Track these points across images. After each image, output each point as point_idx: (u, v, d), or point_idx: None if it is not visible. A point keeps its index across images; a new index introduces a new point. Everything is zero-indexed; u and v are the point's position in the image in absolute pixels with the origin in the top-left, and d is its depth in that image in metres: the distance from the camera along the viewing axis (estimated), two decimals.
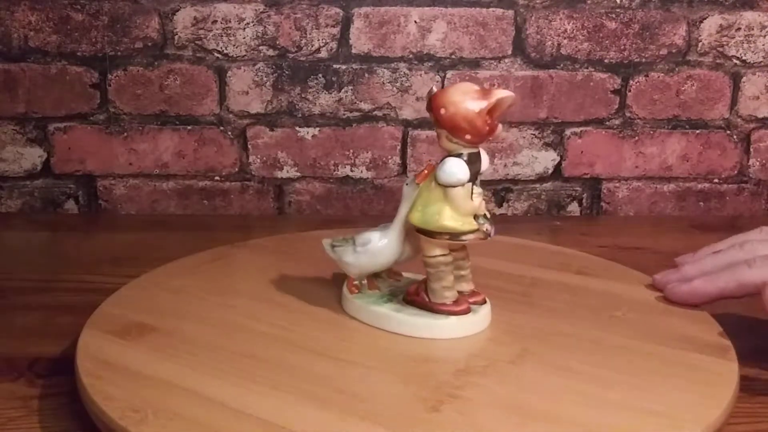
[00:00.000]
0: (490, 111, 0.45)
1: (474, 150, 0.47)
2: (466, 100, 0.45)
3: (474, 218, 0.48)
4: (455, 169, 0.46)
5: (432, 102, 0.46)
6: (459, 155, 0.47)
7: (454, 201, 0.47)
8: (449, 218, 0.47)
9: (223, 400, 0.41)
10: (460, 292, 0.50)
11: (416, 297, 0.51)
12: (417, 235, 0.49)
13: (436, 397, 0.42)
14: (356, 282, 0.53)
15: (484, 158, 0.48)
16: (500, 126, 0.46)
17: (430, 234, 0.48)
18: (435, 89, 0.47)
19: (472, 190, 0.47)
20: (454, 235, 0.48)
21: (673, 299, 0.55)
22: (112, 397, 0.41)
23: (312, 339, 0.49)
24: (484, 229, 0.48)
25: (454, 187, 0.47)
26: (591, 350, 0.47)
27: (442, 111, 0.46)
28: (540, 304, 0.55)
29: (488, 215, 0.49)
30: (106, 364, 0.45)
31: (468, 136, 0.46)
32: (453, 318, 0.49)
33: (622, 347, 0.48)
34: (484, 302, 0.51)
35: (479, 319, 0.50)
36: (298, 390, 0.42)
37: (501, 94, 0.45)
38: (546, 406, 0.41)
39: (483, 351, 0.47)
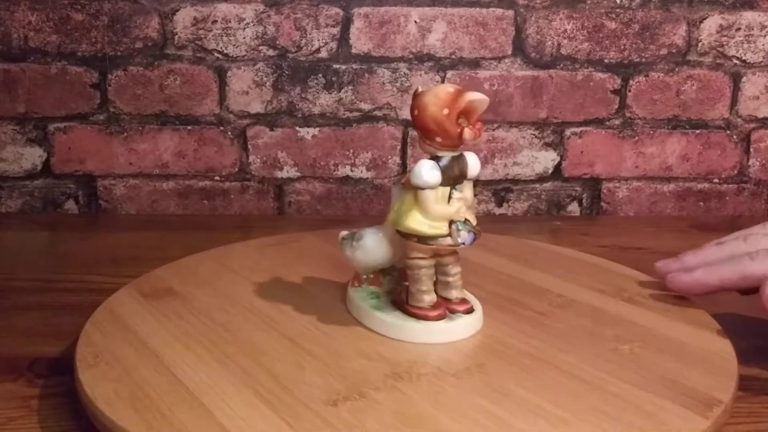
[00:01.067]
0: (465, 114, 0.45)
1: (453, 153, 0.46)
2: (437, 102, 0.45)
3: (450, 224, 0.47)
4: (423, 171, 0.46)
5: (411, 103, 0.47)
6: (435, 158, 0.46)
7: (422, 204, 0.46)
8: (415, 221, 0.47)
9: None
10: (446, 299, 0.49)
11: (397, 298, 0.51)
12: None
13: (347, 393, 0.42)
14: (363, 276, 0.53)
15: (472, 163, 0.47)
16: (470, 130, 0.45)
17: (403, 235, 0.48)
18: (420, 90, 0.47)
19: (450, 194, 0.46)
20: (421, 238, 0.47)
21: (673, 289, 0.55)
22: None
23: (292, 325, 0.50)
24: (458, 237, 0.46)
25: (423, 189, 0.46)
26: (555, 381, 0.43)
27: (416, 112, 0.46)
28: (551, 326, 0.51)
29: (471, 222, 0.47)
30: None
31: (438, 139, 0.45)
32: (423, 323, 0.48)
33: (597, 386, 0.42)
34: (470, 312, 0.50)
35: (453, 327, 0.49)
36: (227, 362, 0.45)
37: (471, 96, 0.44)
38: (446, 425, 0.39)
39: (435, 360, 0.46)
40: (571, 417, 0.39)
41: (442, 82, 0.89)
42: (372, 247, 0.50)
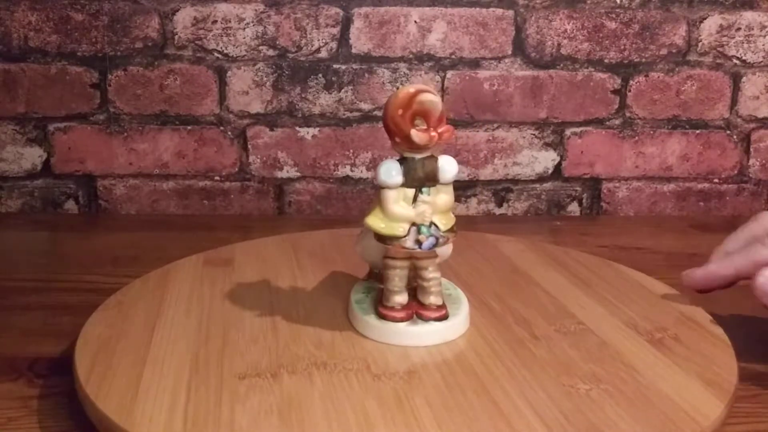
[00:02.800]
0: (422, 115, 0.44)
1: (420, 155, 0.46)
2: (394, 102, 0.44)
3: (413, 226, 0.46)
4: (381, 171, 0.46)
5: None
6: (401, 159, 0.46)
7: (381, 202, 0.46)
8: (373, 218, 0.47)
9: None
10: (420, 303, 0.49)
11: (378, 295, 0.51)
12: None
13: (262, 371, 0.44)
14: (375, 271, 0.54)
15: (446, 167, 0.46)
16: (418, 132, 0.44)
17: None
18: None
19: (415, 196, 0.46)
20: (379, 237, 0.47)
21: (690, 286, 0.53)
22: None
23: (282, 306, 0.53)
24: (415, 240, 0.46)
25: (383, 188, 0.46)
26: (474, 416, 0.40)
27: (382, 113, 0.46)
28: (532, 353, 0.47)
29: (437, 228, 0.46)
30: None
31: (397, 139, 0.45)
32: (384, 322, 0.48)
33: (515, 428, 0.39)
34: (441, 319, 0.49)
35: (414, 332, 0.48)
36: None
37: (420, 97, 0.44)
38: (300, 417, 0.40)
39: (375, 359, 0.46)
40: None
41: (442, 82, 0.89)
42: (368, 244, 0.50)
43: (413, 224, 0.46)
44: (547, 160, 0.92)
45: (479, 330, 0.50)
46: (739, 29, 0.89)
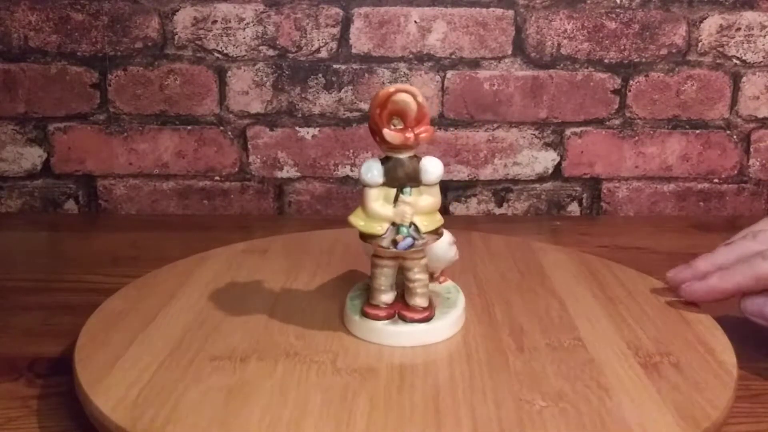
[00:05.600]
0: (398, 115, 0.44)
1: (401, 155, 0.46)
2: (374, 101, 0.45)
3: (392, 225, 0.46)
4: (362, 169, 0.46)
5: None
6: (385, 158, 0.46)
7: (362, 200, 0.47)
8: (355, 215, 0.47)
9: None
10: (406, 304, 0.49)
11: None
12: None
13: (233, 355, 0.46)
14: None
15: (429, 168, 0.46)
16: (390, 131, 0.44)
17: None
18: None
19: (396, 196, 0.46)
20: (361, 234, 0.47)
21: (689, 299, 0.53)
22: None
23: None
24: (392, 239, 0.46)
25: (363, 186, 0.46)
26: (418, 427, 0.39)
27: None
28: (517, 368, 0.45)
29: (417, 229, 0.46)
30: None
31: (377, 138, 0.45)
32: (364, 319, 0.49)
33: None
34: (423, 321, 0.48)
35: (391, 332, 0.48)
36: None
37: (394, 96, 0.44)
38: (234, 408, 0.40)
39: (343, 354, 0.46)
40: None
41: (442, 82, 0.89)
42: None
43: (393, 224, 0.46)
44: (547, 160, 0.92)
45: (465, 336, 0.49)
46: (739, 29, 0.89)
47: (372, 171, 0.46)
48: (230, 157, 0.90)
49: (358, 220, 0.47)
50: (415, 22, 0.87)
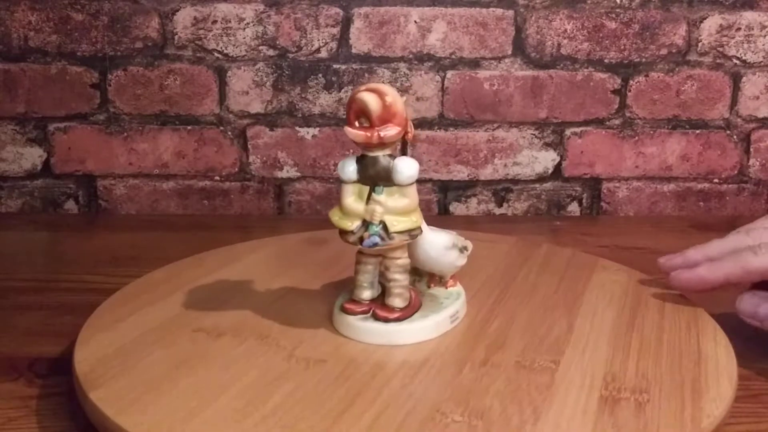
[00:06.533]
0: (363, 114, 0.45)
1: (372, 153, 0.46)
2: (348, 100, 0.46)
3: (363, 222, 0.46)
4: (339, 164, 0.47)
5: None
6: (359, 155, 0.47)
7: (340, 195, 0.47)
8: (333, 210, 0.48)
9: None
10: (383, 303, 0.49)
11: None
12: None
13: (211, 330, 0.50)
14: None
15: (399, 167, 0.46)
16: (350, 129, 0.45)
17: None
18: None
19: (369, 194, 0.46)
20: (339, 230, 0.48)
21: (677, 287, 0.54)
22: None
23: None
24: (359, 235, 0.46)
25: (341, 182, 0.47)
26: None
27: None
28: (458, 376, 0.44)
29: (385, 229, 0.46)
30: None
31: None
32: (341, 314, 0.50)
33: None
34: (393, 321, 0.48)
35: (355, 326, 0.49)
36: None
37: (356, 95, 0.44)
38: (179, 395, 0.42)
39: (304, 341, 0.48)
40: None
41: (442, 82, 0.89)
42: None
43: (364, 221, 0.46)
44: (547, 160, 0.92)
45: (439, 343, 0.48)
46: (739, 29, 0.89)
47: (347, 167, 0.47)
48: (230, 157, 0.90)
49: (334, 214, 0.48)
50: (415, 22, 0.87)
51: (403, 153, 0.90)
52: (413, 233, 0.47)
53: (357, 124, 0.45)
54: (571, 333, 0.50)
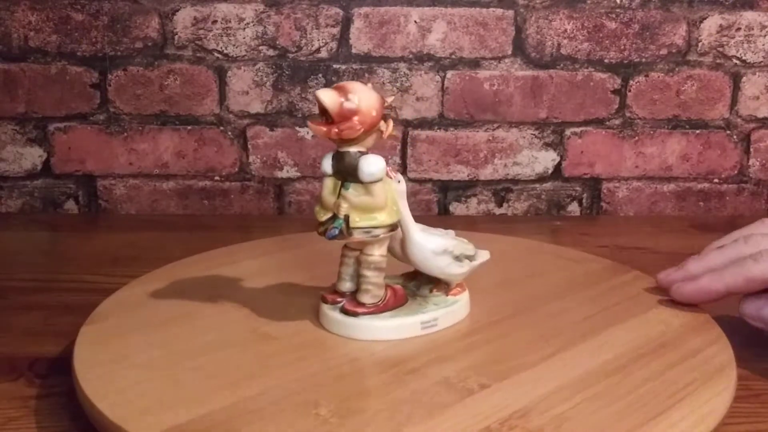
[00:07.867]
0: (323, 110, 0.45)
1: (341, 149, 0.47)
2: None
3: (333, 216, 0.47)
4: (323, 157, 0.48)
5: None
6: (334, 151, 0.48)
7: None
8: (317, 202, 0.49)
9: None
10: (357, 299, 0.49)
11: None
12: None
13: (188, 312, 0.52)
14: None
15: (362, 165, 0.46)
16: (310, 124, 0.46)
17: None
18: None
19: (340, 188, 0.47)
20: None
21: (679, 299, 0.54)
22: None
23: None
24: (325, 227, 0.47)
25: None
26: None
27: None
28: (400, 382, 0.43)
29: (347, 224, 0.46)
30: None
31: None
32: (319, 302, 0.51)
33: None
34: (352, 315, 0.49)
35: (325, 315, 0.50)
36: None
37: (316, 93, 0.45)
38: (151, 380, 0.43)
39: (282, 326, 0.50)
40: None
41: (442, 82, 0.89)
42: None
43: (335, 214, 0.47)
44: (547, 160, 0.92)
45: (401, 348, 0.48)
46: (739, 29, 0.89)
47: (325, 161, 0.48)
48: (230, 157, 0.90)
49: (316, 205, 0.49)
50: (415, 22, 0.87)
51: (403, 152, 0.90)
52: (374, 232, 0.47)
53: (324, 119, 0.46)
54: (562, 353, 0.47)
